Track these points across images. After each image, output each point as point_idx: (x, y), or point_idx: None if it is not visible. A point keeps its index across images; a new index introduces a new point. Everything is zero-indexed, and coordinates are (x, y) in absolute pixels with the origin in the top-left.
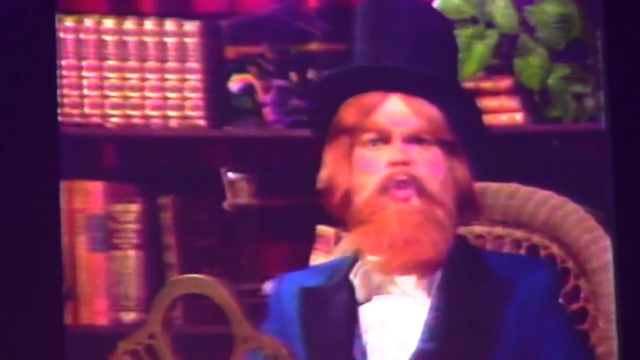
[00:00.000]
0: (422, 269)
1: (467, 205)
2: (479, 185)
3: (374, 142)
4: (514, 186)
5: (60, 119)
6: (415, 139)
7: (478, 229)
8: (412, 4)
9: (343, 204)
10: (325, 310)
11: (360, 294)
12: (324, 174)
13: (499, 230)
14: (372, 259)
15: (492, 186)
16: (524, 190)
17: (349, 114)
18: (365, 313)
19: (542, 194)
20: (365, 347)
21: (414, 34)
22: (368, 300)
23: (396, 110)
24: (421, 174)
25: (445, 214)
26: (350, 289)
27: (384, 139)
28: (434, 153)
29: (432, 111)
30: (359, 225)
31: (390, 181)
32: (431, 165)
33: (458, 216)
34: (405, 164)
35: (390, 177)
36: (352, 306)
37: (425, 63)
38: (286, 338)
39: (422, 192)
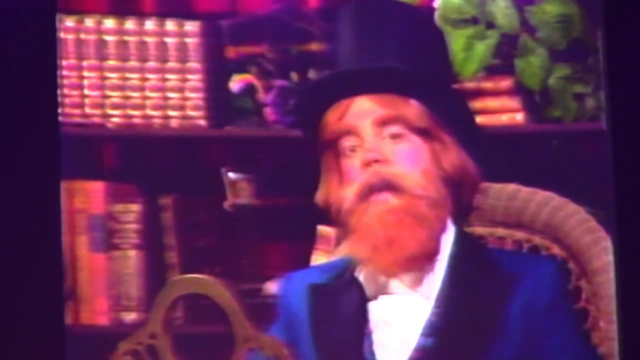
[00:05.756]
0: (410, 264)
1: (463, 188)
2: (480, 187)
3: (352, 149)
4: (514, 187)
5: (60, 119)
6: (385, 127)
7: (479, 229)
8: (396, 7)
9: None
10: (334, 307)
11: (366, 292)
12: (319, 195)
13: (500, 231)
14: (364, 264)
15: (493, 187)
16: (524, 191)
17: (324, 126)
18: (371, 312)
19: (542, 194)
20: (372, 346)
21: (397, 34)
22: (374, 298)
23: (362, 106)
24: (395, 172)
25: (427, 204)
26: (359, 286)
27: (355, 135)
28: (412, 142)
29: (401, 101)
30: (347, 234)
31: (366, 187)
32: (408, 157)
33: (453, 200)
34: (377, 161)
35: (365, 183)
36: (362, 304)
37: (406, 61)
38: (295, 338)
39: (398, 190)
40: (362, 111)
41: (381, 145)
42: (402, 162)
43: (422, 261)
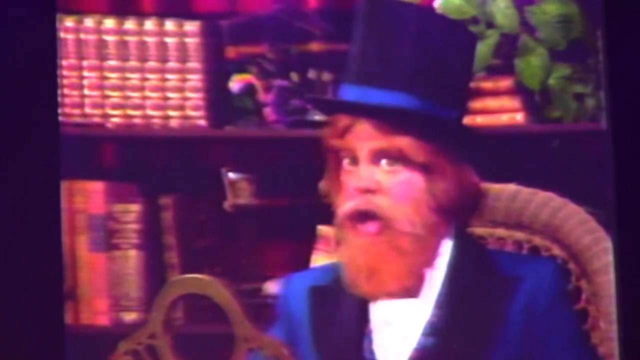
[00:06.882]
0: (388, 297)
1: (460, 215)
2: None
3: (350, 164)
4: (515, 187)
5: (60, 119)
6: (383, 158)
7: (479, 230)
8: (417, 13)
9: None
10: (334, 309)
11: None
12: (322, 184)
13: (500, 232)
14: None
15: (493, 187)
16: (525, 191)
17: (329, 133)
18: (371, 312)
19: (542, 195)
20: (372, 345)
21: (414, 49)
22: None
23: (364, 129)
24: (385, 204)
25: (410, 240)
26: None
27: (353, 156)
28: (408, 175)
29: (401, 135)
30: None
31: (355, 212)
32: (402, 189)
33: (453, 219)
34: (369, 191)
35: (355, 209)
36: (362, 305)
37: (417, 84)
38: (294, 340)
39: (384, 223)
40: (362, 135)
41: (375, 174)
42: (395, 193)
43: (401, 294)
